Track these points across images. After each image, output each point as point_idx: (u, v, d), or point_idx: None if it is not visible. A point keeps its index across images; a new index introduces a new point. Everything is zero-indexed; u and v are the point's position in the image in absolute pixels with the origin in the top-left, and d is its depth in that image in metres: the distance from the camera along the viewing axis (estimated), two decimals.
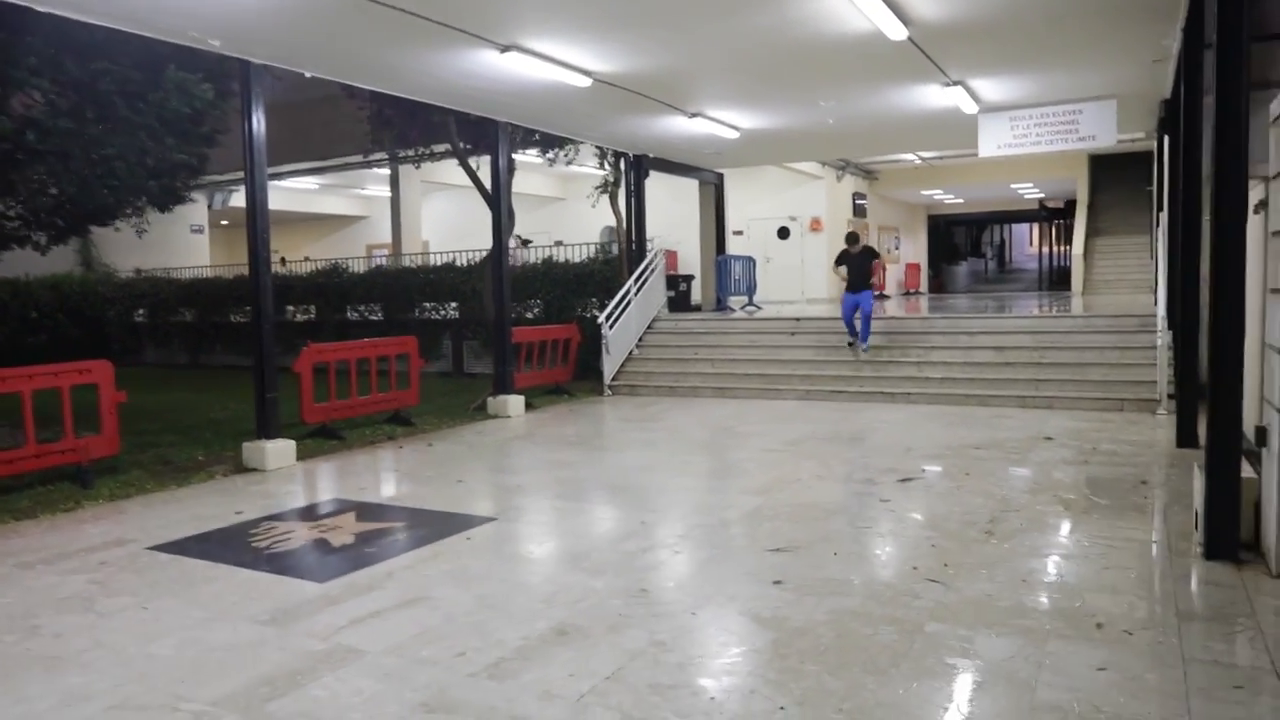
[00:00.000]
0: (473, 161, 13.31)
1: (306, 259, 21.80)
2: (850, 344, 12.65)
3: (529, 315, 16.45)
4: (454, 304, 17.57)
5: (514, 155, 14.39)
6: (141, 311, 22.02)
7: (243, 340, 18.79)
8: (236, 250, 22.22)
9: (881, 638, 4.07)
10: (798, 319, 14.10)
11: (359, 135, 15.28)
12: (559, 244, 18.53)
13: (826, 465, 8.06)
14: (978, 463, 7.83)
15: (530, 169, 21.06)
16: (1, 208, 11.35)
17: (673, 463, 8.40)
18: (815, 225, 21.63)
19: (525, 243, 20.03)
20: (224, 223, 28.26)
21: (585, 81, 9.35)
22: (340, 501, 7.26)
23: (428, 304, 17.98)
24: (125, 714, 3.61)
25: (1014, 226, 48.52)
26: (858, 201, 23.79)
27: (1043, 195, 29.32)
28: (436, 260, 18.86)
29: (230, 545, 5.96)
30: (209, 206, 23.50)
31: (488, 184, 12.18)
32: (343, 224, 29.19)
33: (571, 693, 3.63)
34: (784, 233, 21.97)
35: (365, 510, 6.84)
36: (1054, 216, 32.86)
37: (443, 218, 25.20)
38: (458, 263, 17.92)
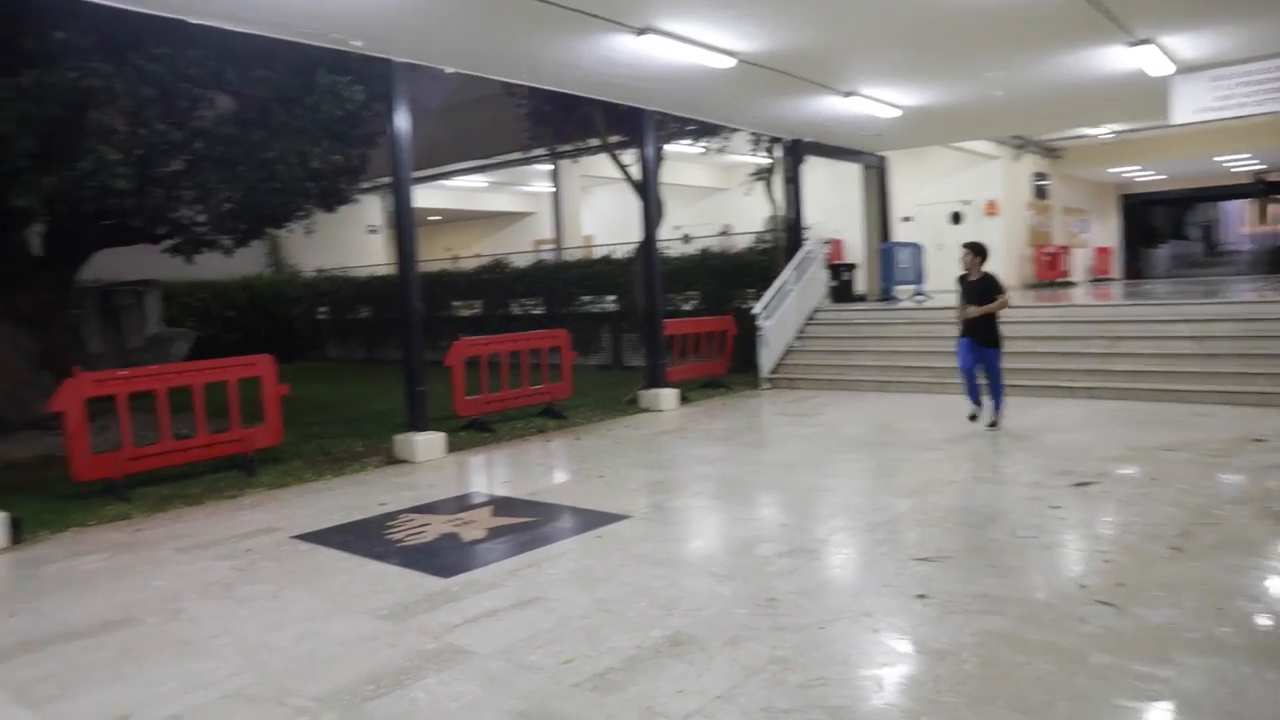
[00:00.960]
0: (628, 156, 13.21)
1: (477, 255, 22.48)
2: (972, 416, 8.86)
3: (685, 307, 16.23)
4: (611, 297, 17.61)
5: (668, 146, 14.19)
6: (323, 309, 23.37)
7: None
8: None
9: (1035, 668, 3.55)
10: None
11: (519, 132, 15.51)
12: (722, 232, 18.17)
13: (990, 466, 7.38)
14: (1169, 467, 6.93)
15: (691, 160, 20.83)
16: (190, 214, 12.19)
17: (823, 460, 7.94)
18: (991, 209, 20.30)
19: (721, 233, 19.68)
20: None
21: (729, 63, 8.97)
22: (479, 495, 7.28)
23: (586, 297, 18.11)
24: (235, 704, 3.63)
25: (1224, 204, 44.02)
26: (1038, 182, 22.11)
27: (1263, 166, 26.24)
28: (596, 253, 18.97)
29: (367, 536, 6.04)
30: (384, 208, 24.66)
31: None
32: (511, 220, 30.02)
33: (677, 712, 3.35)
34: (957, 218, 20.74)
35: (502, 505, 6.81)
36: (1273, 191, 29.44)
37: (606, 212, 25.41)
38: (615, 255, 17.95)
